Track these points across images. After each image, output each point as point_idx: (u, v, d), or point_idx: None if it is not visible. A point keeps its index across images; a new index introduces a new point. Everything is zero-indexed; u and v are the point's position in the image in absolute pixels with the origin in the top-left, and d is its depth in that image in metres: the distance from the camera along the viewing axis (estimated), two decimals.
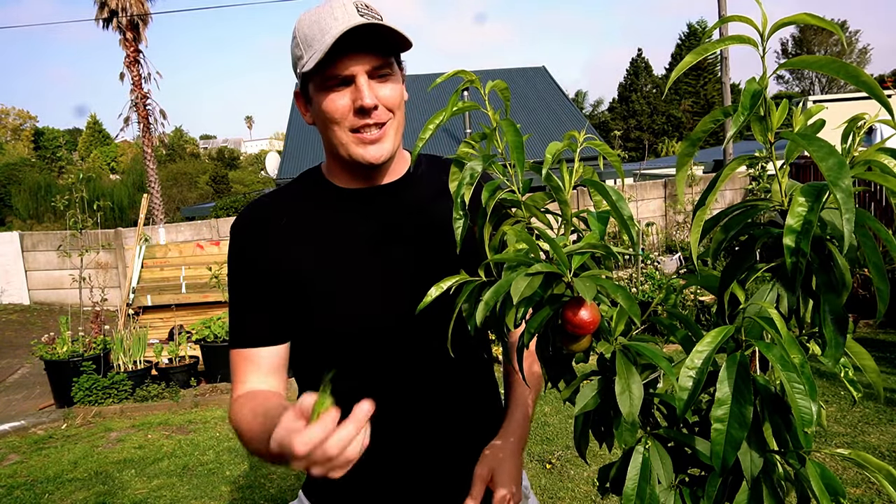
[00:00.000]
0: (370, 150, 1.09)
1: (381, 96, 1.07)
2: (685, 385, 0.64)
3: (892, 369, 4.83)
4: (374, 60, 1.06)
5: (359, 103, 1.05)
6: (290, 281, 1.13)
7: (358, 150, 1.09)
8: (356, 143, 1.09)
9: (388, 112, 1.09)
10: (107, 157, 49.70)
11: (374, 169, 1.14)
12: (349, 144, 1.10)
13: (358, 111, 1.06)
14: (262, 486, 3.89)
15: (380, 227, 1.16)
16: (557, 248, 0.75)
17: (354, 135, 1.09)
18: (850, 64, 0.62)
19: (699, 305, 6.01)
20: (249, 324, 1.17)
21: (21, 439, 5.15)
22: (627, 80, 44.57)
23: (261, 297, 1.16)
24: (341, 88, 1.06)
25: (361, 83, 1.05)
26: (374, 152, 1.09)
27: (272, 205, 1.19)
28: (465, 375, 1.20)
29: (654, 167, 16.85)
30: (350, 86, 1.06)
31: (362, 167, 1.12)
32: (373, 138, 1.09)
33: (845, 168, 0.57)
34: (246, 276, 1.17)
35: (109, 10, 18.19)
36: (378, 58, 1.06)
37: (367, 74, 1.06)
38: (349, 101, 1.06)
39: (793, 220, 0.61)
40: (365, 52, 1.05)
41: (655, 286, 6.14)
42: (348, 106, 1.06)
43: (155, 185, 18.85)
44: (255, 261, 1.15)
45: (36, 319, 10.63)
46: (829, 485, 0.66)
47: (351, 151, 1.10)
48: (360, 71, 1.05)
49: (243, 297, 1.18)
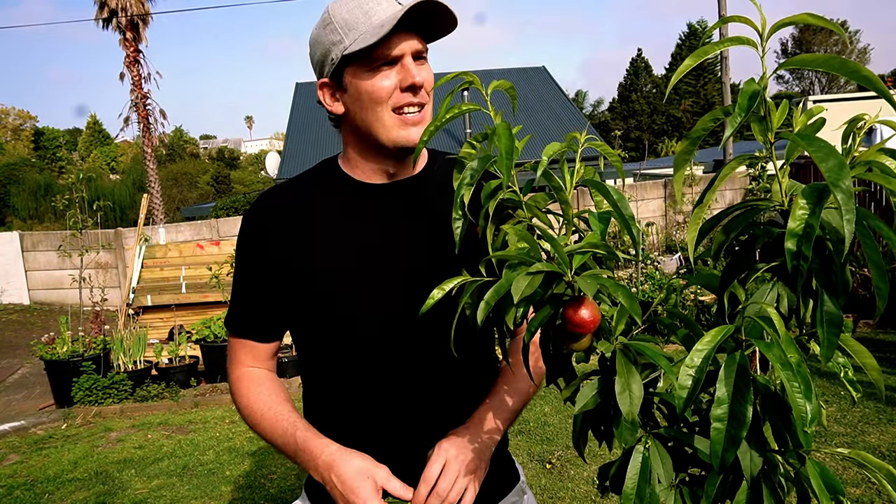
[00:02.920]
0: (412, 131, 1.11)
1: (424, 79, 1.09)
2: (684, 383, 0.64)
3: (892, 369, 4.83)
4: (419, 42, 1.09)
5: (409, 81, 1.07)
6: (300, 274, 1.14)
7: (402, 133, 1.11)
8: (400, 126, 1.10)
9: (426, 95, 1.12)
10: (107, 157, 49.70)
11: (405, 153, 1.14)
12: (392, 127, 1.10)
13: (408, 88, 1.08)
14: (262, 486, 3.90)
15: (395, 222, 1.16)
16: (558, 247, 0.75)
17: (398, 116, 1.10)
18: (849, 60, 0.62)
19: (699, 305, 6.01)
20: (249, 315, 1.21)
21: (21, 439, 5.15)
22: (627, 80, 44.59)
23: (265, 288, 1.18)
24: (387, 69, 1.08)
25: (408, 62, 1.08)
26: (414, 134, 1.11)
27: (287, 196, 1.20)
28: (471, 374, 1.20)
29: (654, 167, 16.85)
30: (394, 66, 1.08)
31: (399, 152, 1.13)
32: (415, 119, 1.11)
33: (845, 169, 0.57)
34: (253, 266, 1.19)
35: (109, 10, 18.19)
36: (422, 40, 1.10)
37: (412, 56, 1.09)
38: (395, 81, 1.08)
39: (794, 223, 0.61)
40: (412, 33, 1.08)
41: (655, 286, 6.14)
42: (394, 85, 1.08)
43: (155, 185, 18.86)
44: (266, 251, 1.16)
45: (36, 319, 10.63)
46: (830, 484, 0.67)
47: (393, 134, 1.11)
48: (408, 50, 1.08)
49: (247, 286, 1.21)
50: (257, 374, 1.22)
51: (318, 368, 1.21)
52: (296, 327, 1.22)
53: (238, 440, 4.72)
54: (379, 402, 1.16)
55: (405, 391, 1.16)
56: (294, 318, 1.20)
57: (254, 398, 1.18)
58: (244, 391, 1.20)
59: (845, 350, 0.75)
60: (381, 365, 1.15)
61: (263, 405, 1.17)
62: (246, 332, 1.21)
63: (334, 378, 1.19)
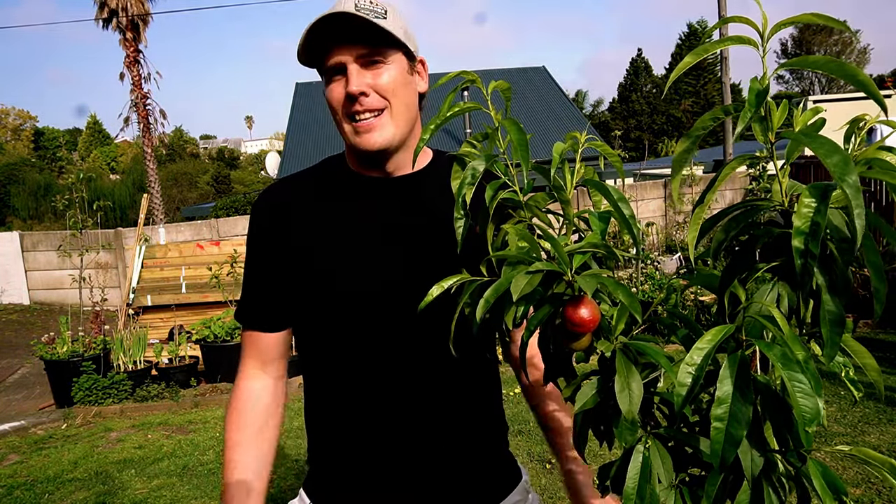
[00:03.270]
0: (365, 137, 1.11)
1: (372, 84, 1.09)
2: (684, 381, 0.64)
3: (892, 369, 4.83)
4: (360, 49, 1.08)
5: (347, 90, 1.08)
6: (304, 264, 1.15)
7: (355, 139, 1.12)
8: (353, 133, 1.12)
9: (383, 99, 1.10)
10: (107, 157, 49.71)
11: (376, 157, 1.15)
12: (349, 134, 1.13)
13: (348, 98, 1.09)
14: None
15: (395, 216, 1.17)
16: (558, 246, 0.75)
17: (353, 124, 1.11)
18: (848, 64, 0.62)
19: (699, 305, 6.01)
20: (256, 306, 1.23)
21: (21, 439, 5.15)
22: (627, 80, 44.58)
23: (271, 279, 1.20)
24: (339, 78, 1.10)
25: (351, 70, 1.08)
26: (368, 140, 1.11)
27: (293, 187, 1.22)
28: (468, 373, 1.20)
29: (654, 167, 16.86)
30: (345, 75, 1.09)
31: (365, 156, 1.15)
32: (367, 126, 1.11)
33: (851, 164, 0.57)
34: (261, 256, 1.21)
35: (109, 10, 18.20)
36: (364, 46, 1.08)
37: (358, 63, 1.09)
38: (343, 90, 1.09)
39: (800, 221, 0.61)
40: (352, 42, 1.08)
41: (655, 286, 6.15)
42: (343, 94, 1.10)
43: (155, 185, 18.86)
44: (272, 242, 1.18)
45: (36, 319, 10.63)
46: (832, 483, 0.67)
47: (351, 140, 1.13)
48: (349, 59, 1.08)
49: (255, 277, 1.23)
50: (248, 396, 1.23)
51: (318, 363, 1.21)
52: (297, 318, 1.22)
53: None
54: (378, 399, 1.16)
55: (404, 387, 1.16)
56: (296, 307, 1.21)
57: (230, 427, 1.21)
58: (229, 413, 1.23)
59: (845, 350, 0.75)
60: (379, 359, 1.15)
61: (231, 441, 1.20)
62: (254, 322, 1.23)
63: (334, 371, 1.19)
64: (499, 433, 1.28)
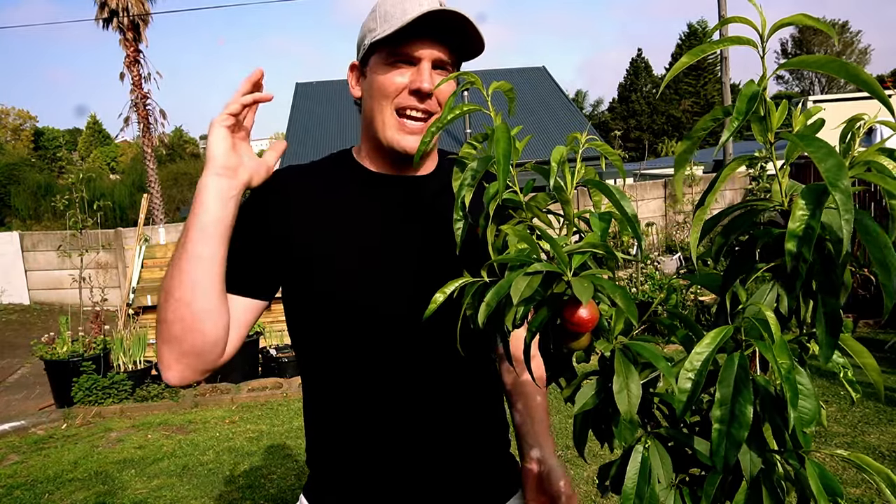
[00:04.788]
0: (408, 139, 1.11)
1: (439, 88, 1.09)
2: (684, 387, 0.64)
3: (892, 369, 4.83)
4: (443, 52, 1.09)
5: (417, 85, 1.08)
6: (301, 255, 1.11)
7: (396, 136, 1.11)
8: (398, 128, 1.11)
9: (438, 106, 1.11)
10: (107, 157, 49.71)
11: (406, 159, 1.14)
12: (391, 127, 1.11)
13: (414, 92, 1.09)
14: (262, 486, 3.90)
15: (401, 215, 1.16)
16: (556, 247, 0.75)
17: (398, 119, 1.10)
18: (850, 63, 0.62)
19: (699, 305, 6.01)
20: (235, 271, 1.09)
21: (21, 439, 5.15)
22: (627, 80, 44.59)
23: (258, 256, 1.12)
24: (403, 67, 1.09)
25: (424, 67, 1.08)
26: (410, 142, 1.11)
27: (298, 176, 1.19)
28: (469, 374, 1.20)
29: (654, 167, 16.86)
30: (413, 67, 1.09)
31: (395, 154, 1.13)
32: (414, 128, 1.11)
33: (844, 169, 0.57)
34: (252, 235, 1.12)
35: (109, 10, 18.19)
36: (447, 51, 1.10)
37: (432, 63, 1.09)
38: (407, 81, 1.09)
39: (794, 224, 0.61)
40: (438, 42, 1.08)
41: (655, 286, 6.15)
42: (404, 84, 1.09)
43: (155, 185, 18.85)
44: (269, 225, 1.12)
45: (36, 319, 10.63)
46: (828, 485, 0.67)
47: (389, 135, 1.11)
48: (428, 56, 1.08)
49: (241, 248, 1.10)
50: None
51: (318, 365, 1.20)
52: (293, 318, 1.19)
53: (238, 440, 4.72)
54: (379, 402, 1.16)
55: (406, 389, 1.15)
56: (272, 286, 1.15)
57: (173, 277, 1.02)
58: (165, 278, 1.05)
59: (845, 350, 0.75)
60: (380, 361, 1.14)
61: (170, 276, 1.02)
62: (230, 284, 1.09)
63: (334, 373, 1.18)
64: (500, 434, 1.28)
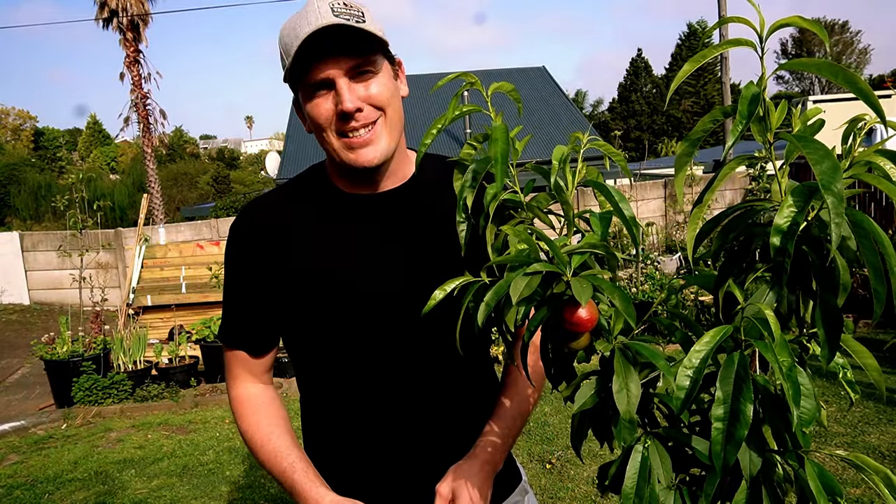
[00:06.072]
0: (361, 153, 1.06)
1: (365, 96, 1.04)
2: (682, 384, 0.64)
3: (892, 369, 4.83)
4: (350, 61, 1.02)
5: (339, 108, 1.02)
6: (289, 285, 1.13)
7: (350, 156, 1.06)
8: (346, 149, 1.06)
9: (377, 111, 1.06)
10: (107, 157, 49.71)
11: (371, 172, 1.10)
12: (340, 150, 1.07)
13: (340, 117, 1.03)
14: (262, 486, 3.90)
15: (382, 234, 1.14)
16: (555, 248, 0.75)
17: (343, 140, 1.06)
18: (847, 69, 0.62)
19: (699, 305, 6.01)
20: (241, 327, 1.19)
21: (21, 439, 5.15)
22: (627, 80, 44.57)
23: (255, 299, 1.16)
24: (324, 93, 1.04)
25: (341, 86, 1.02)
26: (366, 155, 1.06)
27: (273, 206, 1.17)
28: (466, 375, 1.20)
29: (654, 167, 16.84)
30: (332, 89, 1.03)
31: (358, 171, 1.09)
32: (362, 141, 1.05)
33: (838, 172, 0.57)
34: (242, 277, 1.17)
35: (109, 10, 18.19)
36: (354, 58, 1.02)
37: (348, 76, 1.03)
38: (332, 106, 1.03)
39: (781, 219, 0.61)
40: (340, 54, 1.01)
41: (655, 286, 6.15)
42: (332, 110, 1.04)
43: (155, 185, 18.86)
44: (253, 263, 1.14)
45: (36, 319, 10.62)
46: (827, 485, 0.67)
47: (343, 157, 1.07)
48: (338, 74, 1.02)
49: (238, 297, 1.19)
50: (256, 399, 1.20)
51: (314, 371, 1.20)
52: (289, 337, 1.21)
53: (238, 440, 4.72)
54: (376, 403, 1.16)
55: (403, 391, 1.15)
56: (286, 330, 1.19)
57: (254, 427, 1.17)
58: (246, 417, 1.19)
59: (845, 350, 0.75)
60: (377, 364, 1.15)
61: (263, 436, 1.15)
62: (238, 345, 1.19)
63: (330, 387, 1.18)
64: None
